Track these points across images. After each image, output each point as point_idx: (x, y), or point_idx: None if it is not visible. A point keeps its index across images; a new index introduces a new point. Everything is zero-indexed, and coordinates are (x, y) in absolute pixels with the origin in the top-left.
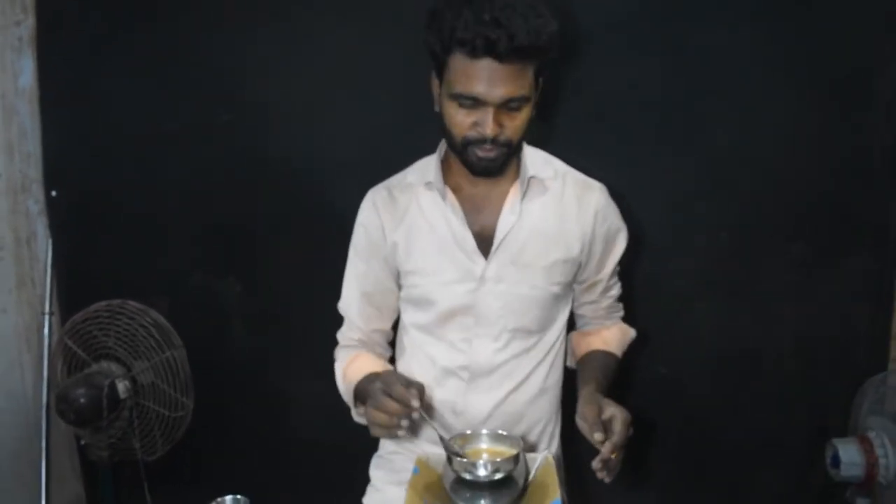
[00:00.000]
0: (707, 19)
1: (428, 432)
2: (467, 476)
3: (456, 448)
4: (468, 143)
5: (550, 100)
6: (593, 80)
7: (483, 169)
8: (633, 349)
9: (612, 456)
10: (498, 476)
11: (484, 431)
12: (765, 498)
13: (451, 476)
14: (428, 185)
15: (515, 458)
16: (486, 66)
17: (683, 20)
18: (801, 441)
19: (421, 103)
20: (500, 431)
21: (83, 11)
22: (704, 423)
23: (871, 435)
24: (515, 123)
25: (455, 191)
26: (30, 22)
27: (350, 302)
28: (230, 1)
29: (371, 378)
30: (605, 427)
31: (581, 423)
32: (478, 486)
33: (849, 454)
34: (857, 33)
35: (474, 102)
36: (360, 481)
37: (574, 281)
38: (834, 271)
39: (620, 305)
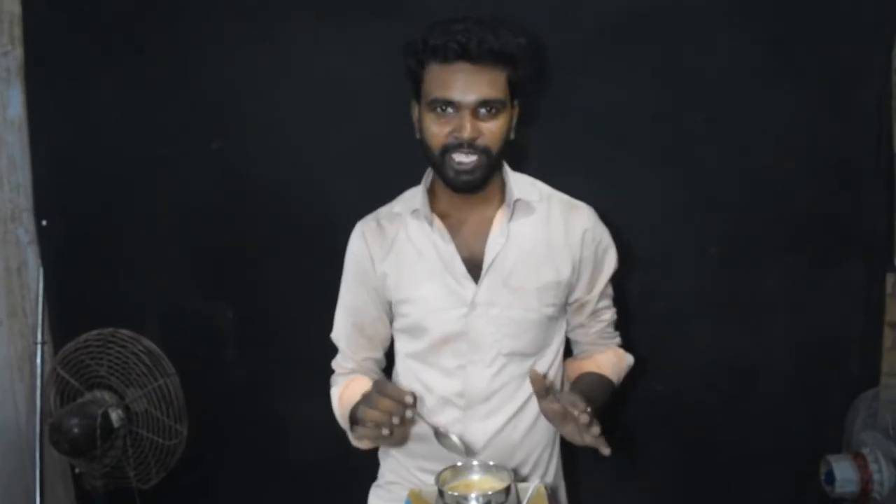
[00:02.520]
0: (695, 35)
1: (420, 462)
2: None
3: (447, 476)
4: (446, 150)
5: (536, 116)
6: (581, 96)
7: (463, 183)
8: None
9: (585, 414)
10: None
11: (475, 463)
12: None
13: None
14: (415, 213)
15: (507, 491)
16: (459, 69)
17: (671, 36)
18: (795, 457)
19: (410, 127)
20: (489, 463)
21: (71, 41)
22: (699, 440)
23: (865, 451)
24: (492, 129)
25: (442, 217)
26: (17, 52)
27: (341, 333)
28: (218, 28)
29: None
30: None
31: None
32: None
33: (843, 471)
34: (844, 44)
35: (451, 108)
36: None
37: (566, 303)
38: (826, 284)
39: (616, 333)
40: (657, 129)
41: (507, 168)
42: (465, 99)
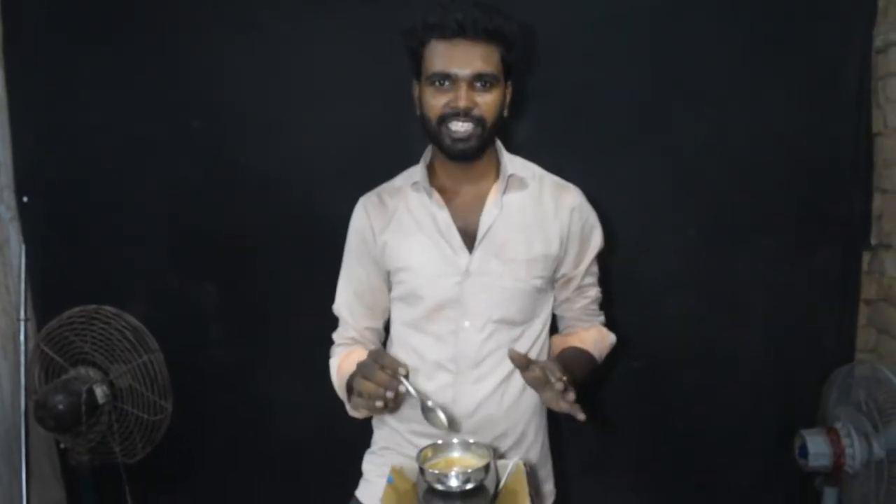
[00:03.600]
0: (676, 20)
1: (413, 425)
2: (439, 486)
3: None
4: (443, 119)
5: (522, 101)
6: (564, 81)
7: (459, 151)
8: None
9: (560, 381)
10: (469, 486)
11: (455, 440)
12: (736, 488)
13: (423, 486)
14: (414, 185)
15: (486, 468)
16: (457, 44)
17: (653, 22)
18: (771, 432)
19: (405, 109)
20: (469, 440)
21: (49, 18)
22: (676, 416)
23: (838, 426)
24: (487, 101)
25: (440, 191)
26: None
27: (343, 302)
28: (202, 7)
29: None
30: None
31: (527, 377)
32: (450, 496)
33: (816, 445)
34: (824, 26)
35: (449, 80)
36: (347, 481)
37: (554, 277)
38: (802, 265)
39: (601, 312)
40: (639, 114)
41: (501, 147)
42: (462, 72)
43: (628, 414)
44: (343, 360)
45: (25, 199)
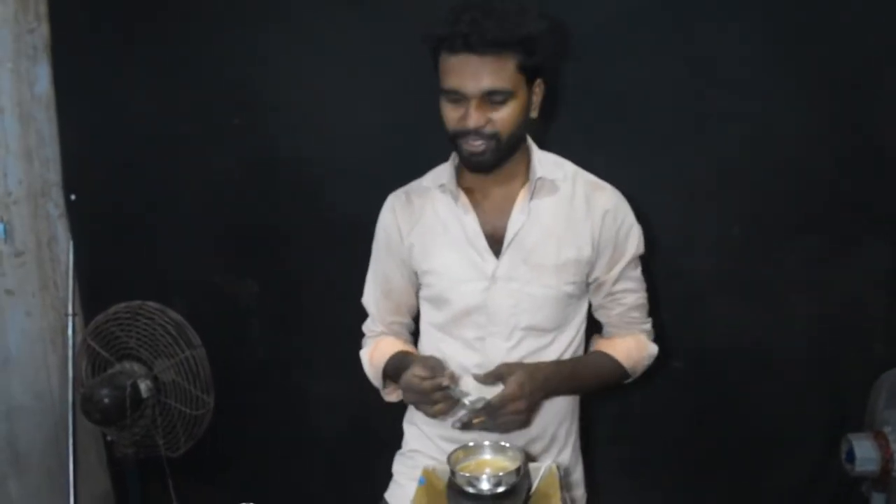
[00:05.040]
0: (715, 15)
1: (441, 430)
2: (470, 489)
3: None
4: (457, 136)
5: (559, 98)
6: (602, 78)
7: (475, 164)
8: None
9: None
10: (501, 489)
11: (486, 443)
12: (780, 492)
13: (454, 489)
14: (441, 187)
15: (517, 471)
16: (463, 59)
17: (691, 17)
18: (817, 435)
19: (433, 107)
20: (502, 443)
21: (96, 18)
22: (719, 417)
23: (887, 430)
24: (501, 116)
25: (468, 193)
26: (43, 29)
27: (370, 298)
28: (243, 5)
29: (399, 356)
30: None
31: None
32: (481, 499)
33: (863, 449)
34: (866, 24)
35: (459, 96)
36: (381, 476)
37: (587, 282)
38: (848, 263)
39: (645, 319)
40: (679, 109)
41: (533, 147)
42: (470, 89)
43: (667, 415)
44: (373, 351)
45: (73, 196)
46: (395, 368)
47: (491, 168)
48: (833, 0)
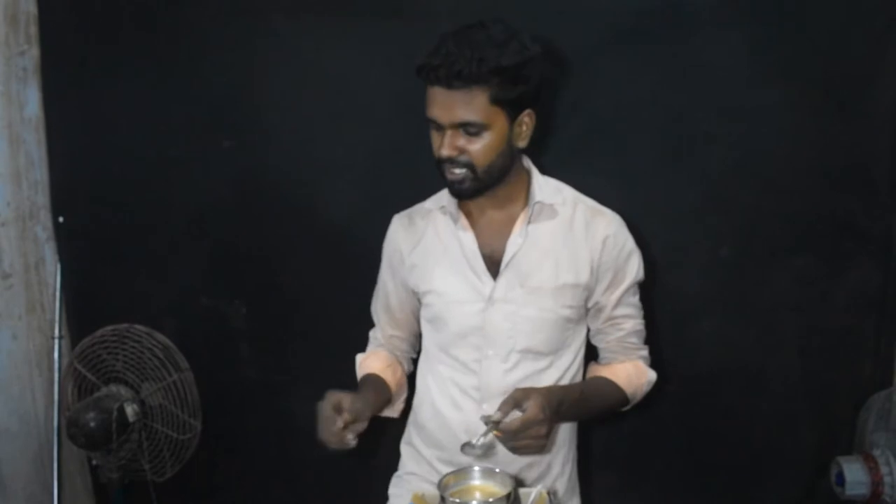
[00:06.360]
0: (704, 35)
1: (436, 451)
2: None
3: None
4: (439, 162)
5: (549, 119)
6: (590, 98)
7: (455, 191)
8: None
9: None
10: None
11: (476, 468)
12: None
13: None
14: (442, 209)
15: (507, 497)
16: (437, 91)
17: (680, 36)
18: (806, 457)
19: (423, 130)
20: (492, 468)
21: (86, 41)
22: (708, 440)
23: (877, 453)
24: (475, 148)
25: (468, 216)
26: (34, 52)
27: (375, 307)
28: (231, 27)
29: (370, 378)
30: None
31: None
32: None
33: (853, 473)
34: (855, 44)
35: (437, 125)
36: (374, 500)
37: (586, 306)
38: (837, 284)
39: (642, 346)
40: (667, 130)
41: (534, 171)
42: (442, 119)
43: (660, 437)
44: (364, 360)
45: (61, 219)
46: (361, 388)
47: (472, 195)
48: (820, 22)
